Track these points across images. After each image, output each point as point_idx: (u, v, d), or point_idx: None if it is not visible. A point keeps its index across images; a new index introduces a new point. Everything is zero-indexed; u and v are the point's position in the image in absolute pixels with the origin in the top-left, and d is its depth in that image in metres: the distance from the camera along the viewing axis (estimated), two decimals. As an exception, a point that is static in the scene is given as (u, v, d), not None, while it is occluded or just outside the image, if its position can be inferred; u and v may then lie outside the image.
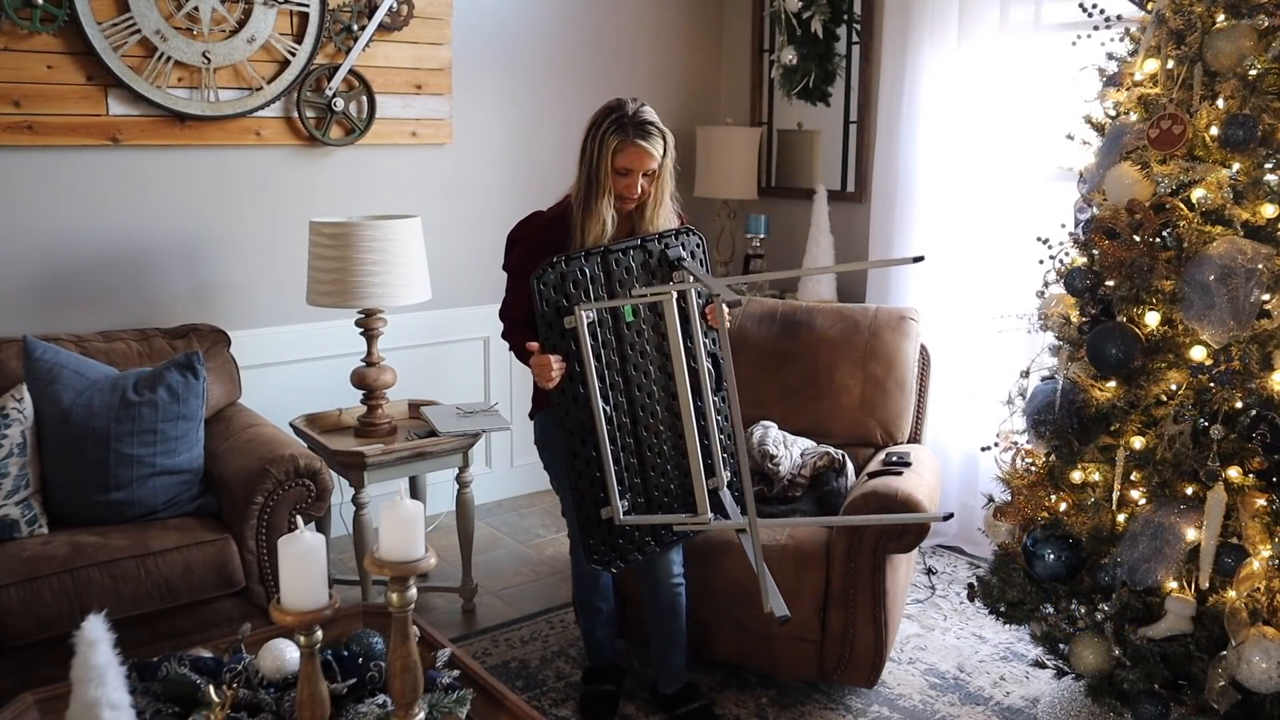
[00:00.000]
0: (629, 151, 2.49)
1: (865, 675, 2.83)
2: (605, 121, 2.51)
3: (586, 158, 2.55)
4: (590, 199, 2.53)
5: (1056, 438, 2.51)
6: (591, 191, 2.53)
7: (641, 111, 2.51)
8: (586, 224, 2.54)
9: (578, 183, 2.58)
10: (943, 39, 3.74)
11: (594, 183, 2.53)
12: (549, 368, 2.40)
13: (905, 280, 3.95)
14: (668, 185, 2.61)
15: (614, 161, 2.49)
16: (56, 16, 3.09)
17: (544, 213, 2.69)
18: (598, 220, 2.53)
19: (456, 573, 3.54)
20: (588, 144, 2.54)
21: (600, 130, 2.51)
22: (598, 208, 2.52)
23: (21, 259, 3.21)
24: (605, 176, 2.51)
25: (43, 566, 2.57)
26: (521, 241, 2.68)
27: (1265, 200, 2.23)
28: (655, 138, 2.51)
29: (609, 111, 2.53)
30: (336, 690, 1.87)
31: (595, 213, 2.53)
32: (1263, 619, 2.15)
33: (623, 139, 2.48)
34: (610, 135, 2.49)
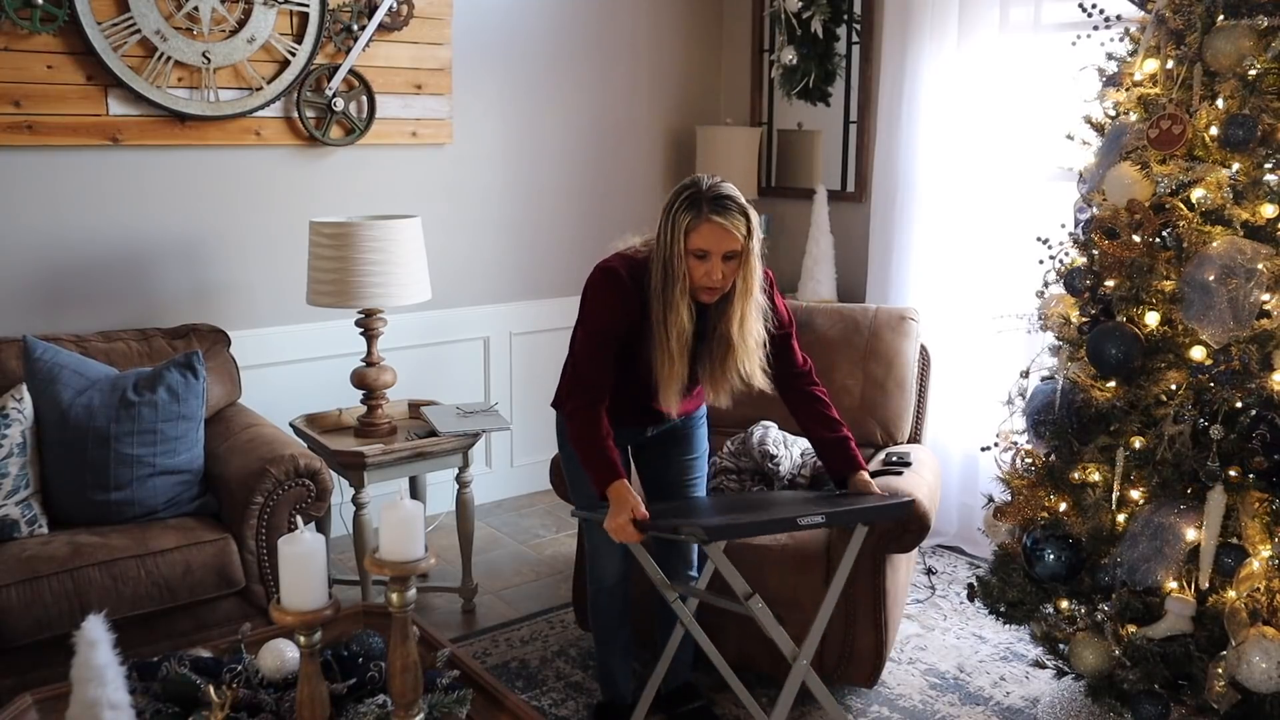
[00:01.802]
0: (703, 230, 2.21)
1: (865, 675, 2.83)
2: (677, 200, 2.25)
3: (661, 244, 2.27)
4: (667, 289, 2.27)
5: (1056, 438, 2.51)
6: (667, 281, 2.26)
7: (718, 186, 2.25)
8: (667, 318, 2.28)
9: (654, 273, 2.30)
10: (943, 39, 3.74)
11: (669, 270, 2.25)
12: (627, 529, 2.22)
13: (905, 280, 3.95)
14: (756, 274, 2.32)
15: (688, 243, 2.22)
16: (56, 16, 3.09)
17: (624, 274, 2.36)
18: (676, 316, 2.27)
19: (456, 573, 3.54)
20: (661, 226, 2.28)
21: (672, 209, 2.25)
22: (674, 300, 2.26)
23: (21, 259, 3.21)
24: (680, 262, 2.23)
25: (43, 566, 2.57)
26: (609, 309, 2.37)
27: (1265, 200, 2.23)
28: (734, 214, 2.23)
29: (682, 190, 2.27)
30: (336, 690, 1.87)
31: (673, 306, 2.26)
32: (1263, 619, 2.15)
33: (695, 215, 2.21)
34: (682, 213, 2.22)
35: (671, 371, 2.33)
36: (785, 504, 2.51)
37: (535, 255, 4.34)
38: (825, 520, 2.14)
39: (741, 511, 2.45)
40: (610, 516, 2.26)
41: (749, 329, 2.34)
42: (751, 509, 2.48)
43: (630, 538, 2.24)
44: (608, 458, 2.31)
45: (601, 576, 2.66)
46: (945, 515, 3.85)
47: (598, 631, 2.74)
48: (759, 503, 2.61)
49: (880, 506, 2.32)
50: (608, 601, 2.68)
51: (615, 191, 4.53)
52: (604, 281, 2.37)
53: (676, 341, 2.29)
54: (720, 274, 2.25)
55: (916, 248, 3.90)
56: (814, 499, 2.46)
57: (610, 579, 2.65)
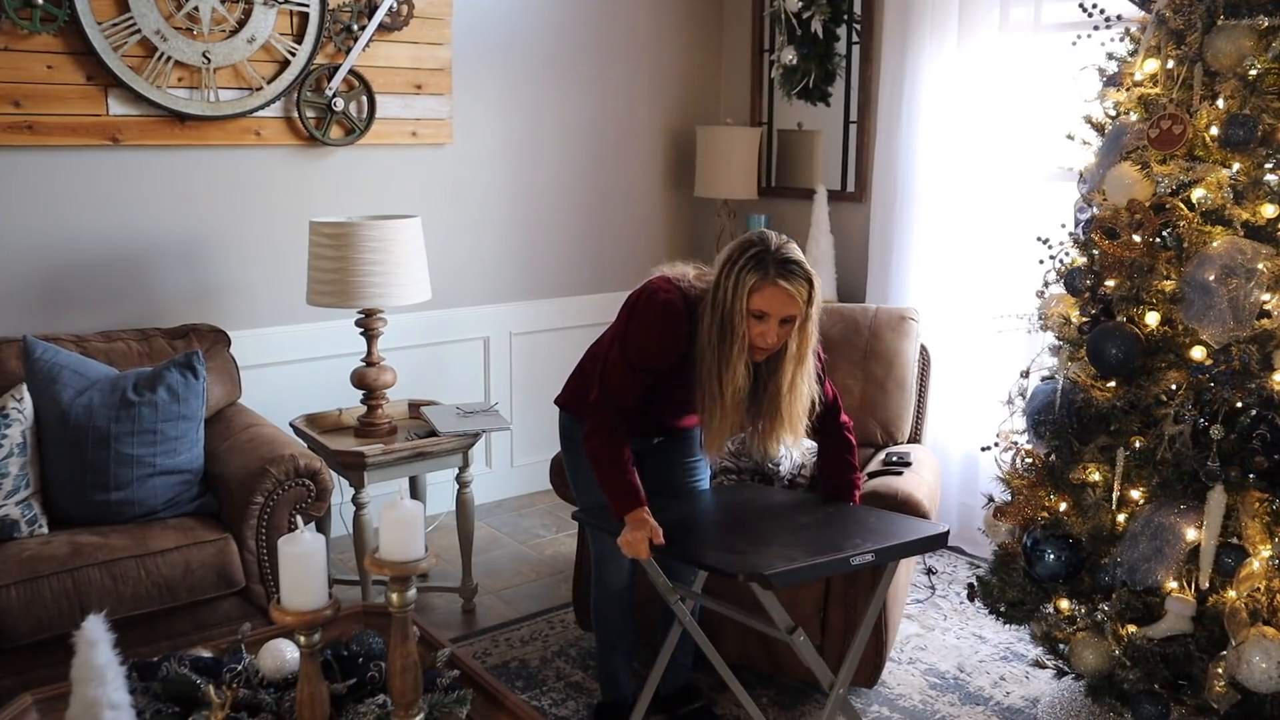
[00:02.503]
0: (768, 293, 2.18)
1: (865, 675, 2.83)
2: (743, 257, 2.20)
3: (719, 298, 2.22)
4: (724, 344, 2.23)
5: (1056, 438, 2.51)
6: (725, 337, 2.22)
7: (786, 248, 2.22)
8: (723, 375, 2.24)
9: (706, 326, 2.25)
10: (943, 39, 3.74)
11: (727, 327, 2.21)
12: (642, 545, 2.21)
13: (905, 280, 3.95)
14: (812, 339, 2.30)
15: (749, 302, 2.19)
16: (56, 16, 3.09)
17: (681, 310, 2.32)
18: (733, 373, 2.24)
19: (456, 573, 3.54)
20: (721, 280, 2.22)
21: (736, 266, 2.20)
22: (732, 358, 2.23)
23: (21, 259, 3.21)
24: (741, 320, 2.20)
25: (43, 566, 2.57)
26: (659, 344, 2.33)
27: (1265, 200, 2.23)
28: (799, 279, 2.20)
29: (748, 246, 2.22)
30: (336, 690, 1.87)
31: (730, 364, 2.23)
32: (1263, 619, 2.15)
33: (761, 277, 2.17)
34: (748, 273, 2.18)
35: (723, 426, 2.31)
36: (796, 513, 2.49)
37: (535, 255, 4.34)
38: (875, 559, 2.14)
39: (751, 522, 2.42)
40: (627, 532, 2.25)
41: (799, 392, 2.32)
42: (761, 517, 2.47)
43: (641, 554, 2.23)
44: (629, 481, 2.29)
45: (608, 580, 2.65)
46: (945, 515, 3.84)
47: (602, 633, 2.73)
48: (765, 507, 2.59)
49: (923, 539, 2.28)
50: (614, 604, 2.68)
51: (615, 191, 4.53)
52: (662, 314, 2.31)
53: (732, 399, 2.27)
54: (775, 337, 2.23)
55: (916, 248, 3.90)
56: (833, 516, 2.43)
57: (617, 583, 2.65)
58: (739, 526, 2.42)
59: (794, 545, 2.23)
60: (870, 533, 2.29)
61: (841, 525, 2.36)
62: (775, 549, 2.18)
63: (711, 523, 2.52)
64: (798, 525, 2.41)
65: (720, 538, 2.32)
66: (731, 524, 2.48)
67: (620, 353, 2.35)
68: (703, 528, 2.44)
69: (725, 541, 2.27)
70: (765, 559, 2.09)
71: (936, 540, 2.30)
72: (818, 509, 2.50)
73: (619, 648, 2.73)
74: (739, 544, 2.23)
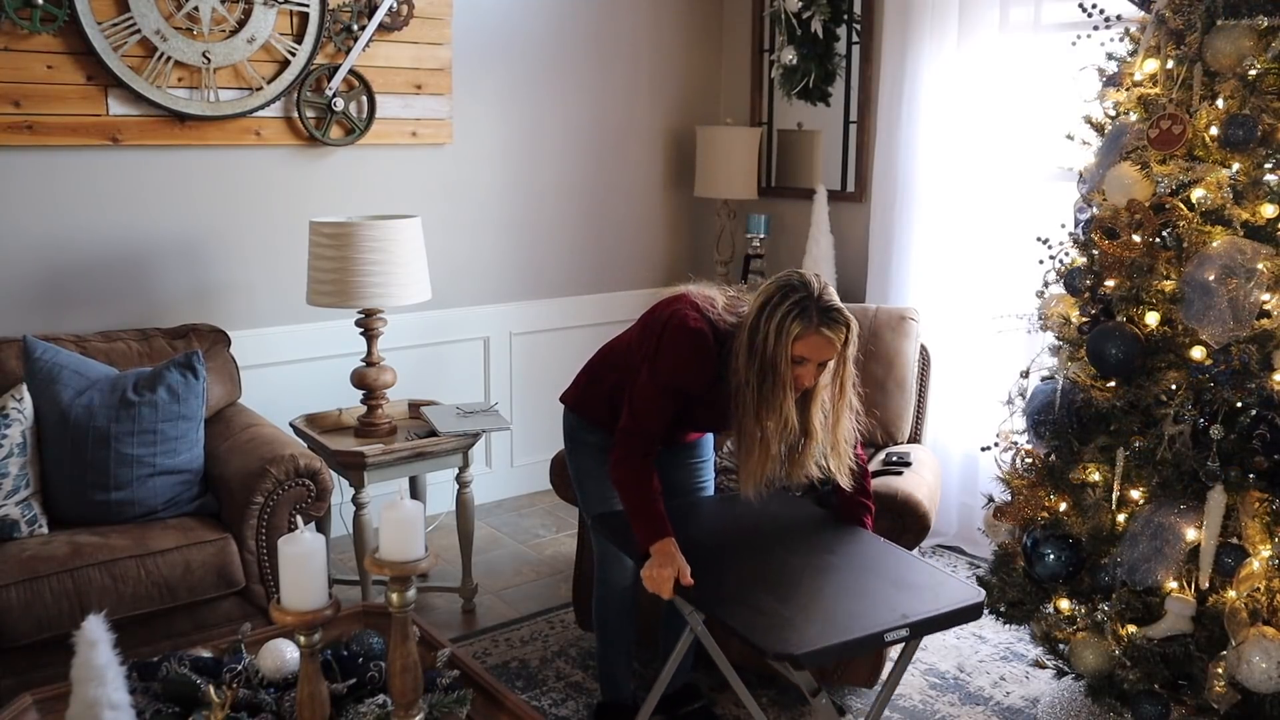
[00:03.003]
0: (811, 341, 2.17)
1: (865, 675, 2.83)
2: (786, 304, 2.17)
3: (759, 341, 2.19)
4: (768, 389, 2.20)
5: (1056, 438, 2.51)
6: (769, 382, 2.20)
7: (828, 294, 2.20)
8: (768, 420, 2.22)
9: (741, 366, 2.23)
10: (943, 39, 3.74)
11: (771, 373, 2.19)
12: (668, 585, 2.18)
13: (905, 280, 3.95)
14: (850, 376, 2.30)
15: (793, 349, 2.17)
16: (56, 16, 3.09)
17: (711, 341, 2.31)
18: (783, 419, 2.22)
19: (456, 573, 3.54)
20: (761, 323, 2.19)
21: (780, 312, 2.17)
22: (781, 403, 2.20)
23: (21, 259, 3.21)
24: (785, 366, 2.18)
25: (43, 566, 2.57)
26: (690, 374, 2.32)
27: (1265, 200, 2.23)
28: (841, 327, 2.19)
29: (789, 290, 2.19)
30: (336, 690, 1.87)
31: (777, 409, 2.21)
32: (1263, 619, 2.15)
33: (806, 325, 2.16)
34: (792, 321, 2.16)
35: (762, 465, 2.28)
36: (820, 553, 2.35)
37: (535, 255, 4.34)
38: (910, 633, 2.06)
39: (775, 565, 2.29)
40: (653, 566, 2.21)
41: (842, 427, 2.32)
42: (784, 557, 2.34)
43: (665, 594, 2.19)
44: (657, 512, 2.26)
45: (611, 580, 2.64)
46: (945, 515, 3.85)
47: (603, 633, 2.72)
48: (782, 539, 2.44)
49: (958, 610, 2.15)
50: (616, 603, 2.66)
51: (615, 191, 4.53)
52: (692, 345, 2.30)
53: (776, 441, 2.24)
54: (812, 379, 2.24)
55: (916, 248, 3.90)
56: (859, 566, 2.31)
57: (621, 582, 2.64)
58: (762, 571, 2.27)
59: (822, 610, 2.11)
60: (901, 591, 2.17)
61: (872, 583, 2.23)
62: (803, 615, 2.07)
63: (731, 560, 2.36)
64: (823, 571, 2.28)
65: (744, 590, 2.19)
66: (754, 567, 2.31)
67: (651, 380, 2.34)
68: (723, 569, 2.30)
69: (750, 595, 2.15)
70: (796, 634, 1.99)
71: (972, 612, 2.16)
72: (839, 547, 2.38)
73: (619, 648, 2.71)
74: (764, 599, 2.12)
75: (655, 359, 2.34)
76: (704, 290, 2.39)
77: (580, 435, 2.59)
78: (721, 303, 2.36)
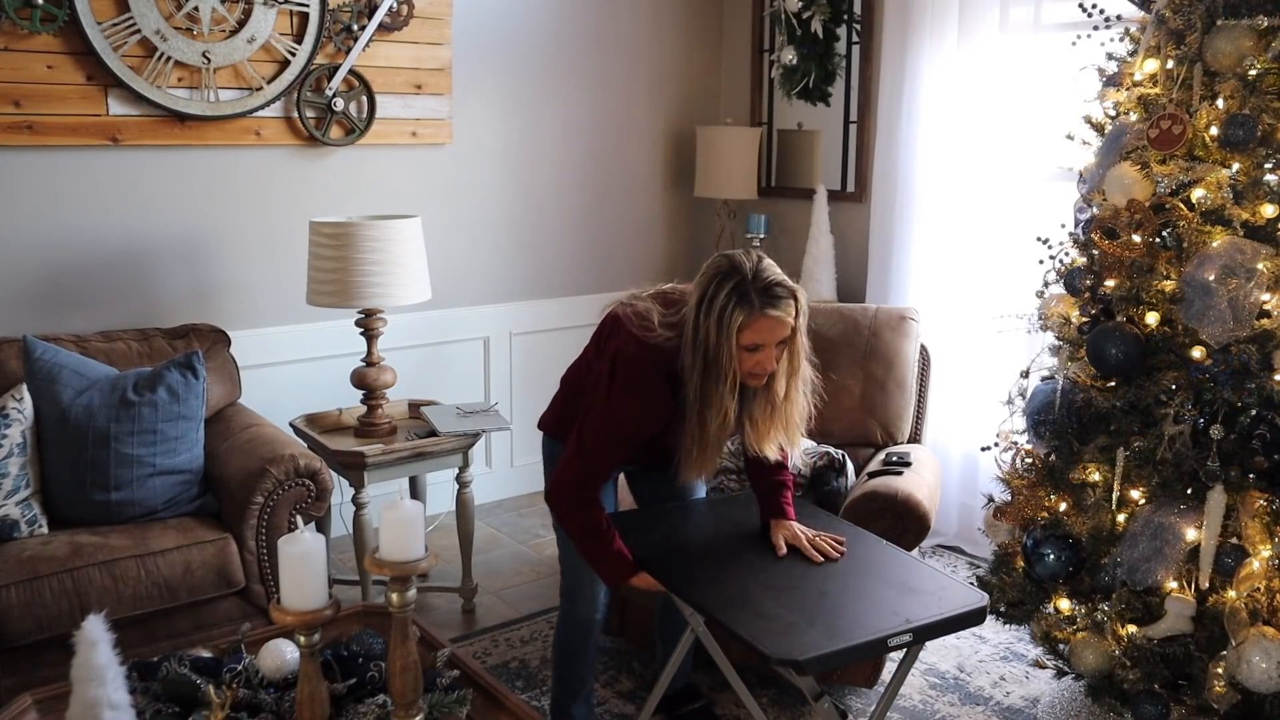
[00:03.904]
0: (759, 325, 2.03)
1: (866, 676, 2.83)
2: (722, 293, 2.03)
3: (700, 339, 2.06)
4: (710, 384, 2.08)
5: (1056, 438, 2.51)
6: (711, 376, 2.08)
7: (764, 270, 2.05)
8: (705, 415, 2.11)
9: (690, 364, 2.10)
10: (943, 39, 3.74)
11: (714, 368, 2.07)
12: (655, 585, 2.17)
13: (905, 280, 3.95)
14: (803, 348, 2.17)
15: (740, 339, 2.04)
16: (56, 16, 3.09)
17: (654, 374, 2.17)
18: (719, 412, 2.10)
19: (456, 573, 3.54)
20: (700, 321, 2.06)
21: (717, 305, 2.03)
22: (721, 398, 2.08)
23: (21, 259, 3.21)
24: (730, 360, 2.05)
25: (43, 566, 2.57)
26: (636, 413, 2.20)
27: (1265, 200, 2.23)
28: (787, 300, 2.05)
29: (723, 276, 2.05)
30: (336, 690, 1.87)
31: (717, 404, 2.09)
32: (1263, 619, 2.15)
33: (749, 312, 2.02)
34: (734, 310, 2.02)
35: (702, 460, 2.20)
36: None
37: (535, 255, 4.34)
38: (914, 638, 2.04)
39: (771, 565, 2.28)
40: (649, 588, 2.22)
41: (794, 402, 2.20)
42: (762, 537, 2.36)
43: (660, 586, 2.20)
44: (617, 552, 2.20)
45: (578, 612, 2.51)
46: (945, 515, 3.85)
47: (563, 669, 2.56)
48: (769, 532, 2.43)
49: (961, 615, 2.11)
50: (581, 636, 2.52)
51: (615, 191, 4.53)
52: (636, 384, 2.17)
53: (715, 438, 2.15)
54: (774, 361, 2.11)
55: (916, 248, 3.90)
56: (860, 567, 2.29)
57: (584, 616, 2.51)
58: (763, 574, 2.24)
59: (825, 614, 2.09)
60: (904, 595, 2.15)
61: (874, 587, 2.21)
62: (806, 619, 2.04)
63: (731, 563, 2.33)
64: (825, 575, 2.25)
65: (746, 593, 2.15)
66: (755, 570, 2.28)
67: (601, 421, 2.21)
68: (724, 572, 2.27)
69: (752, 599, 2.12)
70: (799, 638, 1.97)
71: (975, 616, 2.13)
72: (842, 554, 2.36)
73: (580, 693, 2.56)
74: (767, 603, 2.10)
75: (608, 402, 2.20)
76: (637, 305, 2.23)
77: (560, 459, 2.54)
78: (658, 317, 2.19)
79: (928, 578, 2.23)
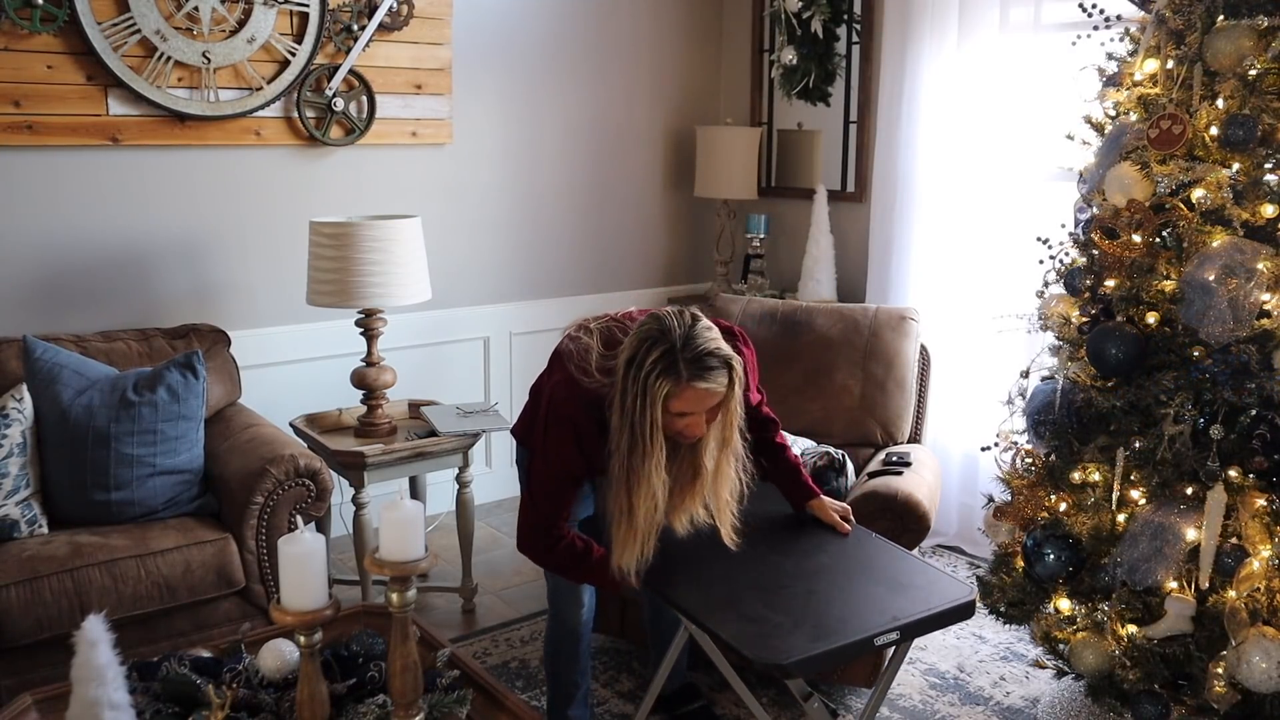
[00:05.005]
0: (686, 396, 1.95)
1: (865, 675, 2.83)
2: (649, 360, 1.94)
3: (628, 405, 1.96)
4: (635, 456, 1.98)
5: (1056, 438, 2.51)
6: (636, 447, 1.97)
7: (694, 338, 1.94)
8: (633, 489, 2.01)
9: (616, 425, 2.01)
10: (943, 39, 3.74)
11: (639, 439, 1.96)
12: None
13: (905, 280, 3.95)
14: (736, 419, 2.07)
15: (667, 406, 1.96)
16: (56, 16, 3.09)
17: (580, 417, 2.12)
18: (644, 482, 2.00)
19: (456, 573, 3.54)
20: (629, 387, 1.96)
21: (644, 373, 1.93)
22: (646, 469, 1.98)
23: (21, 259, 3.21)
24: (655, 431, 1.96)
25: (43, 566, 2.57)
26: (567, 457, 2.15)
27: (1265, 200, 2.23)
28: (718, 372, 1.96)
29: (652, 344, 1.95)
30: (336, 690, 1.87)
31: (641, 474, 1.99)
32: (1263, 619, 2.15)
33: (675, 383, 1.93)
34: (658, 380, 1.93)
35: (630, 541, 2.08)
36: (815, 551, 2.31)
37: (535, 255, 4.34)
38: (900, 636, 2.02)
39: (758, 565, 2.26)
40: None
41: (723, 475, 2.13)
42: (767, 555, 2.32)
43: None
44: (593, 563, 2.20)
45: (563, 616, 2.50)
46: (945, 515, 3.85)
47: (556, 674, 2.55)
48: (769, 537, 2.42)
49: (948, 610, 2.11)
50: (568, 644, 2.52)
51: (615, 191, 4.53)
52: (567, 428, 2.12)
53: (645, 516, 2.04)
54: (704, 427, 2.04)
55: (916, 248, 3.90)
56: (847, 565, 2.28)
57: (572, 620, 2.50)
58: (751, 575, 2.22)
59: (812, 615, 2.06)
60: (893, 592, 2.13)
61: (863, 585, 2.19)
62: (791, 621, 2.03)
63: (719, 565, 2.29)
64: (814, 574, 2.24)
65: (733, 596, 2.13)
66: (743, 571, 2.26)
67: (542, 467, 2.20)
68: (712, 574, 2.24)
69: (738, 601, 2.10)
70: (784, 642, 1.95)
71: (963, 611, 2.12)
72: (830, 547, 2.34)
73: (575, 696, 2.55)
74: (753, 605, 2.08)
75: (544, 446, 2.19)
76: (581, 340, 2.17)
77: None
78: (595, 358, 2.11)
79: (918, 573, 2.23)
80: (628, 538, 2.09)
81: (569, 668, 2.55)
